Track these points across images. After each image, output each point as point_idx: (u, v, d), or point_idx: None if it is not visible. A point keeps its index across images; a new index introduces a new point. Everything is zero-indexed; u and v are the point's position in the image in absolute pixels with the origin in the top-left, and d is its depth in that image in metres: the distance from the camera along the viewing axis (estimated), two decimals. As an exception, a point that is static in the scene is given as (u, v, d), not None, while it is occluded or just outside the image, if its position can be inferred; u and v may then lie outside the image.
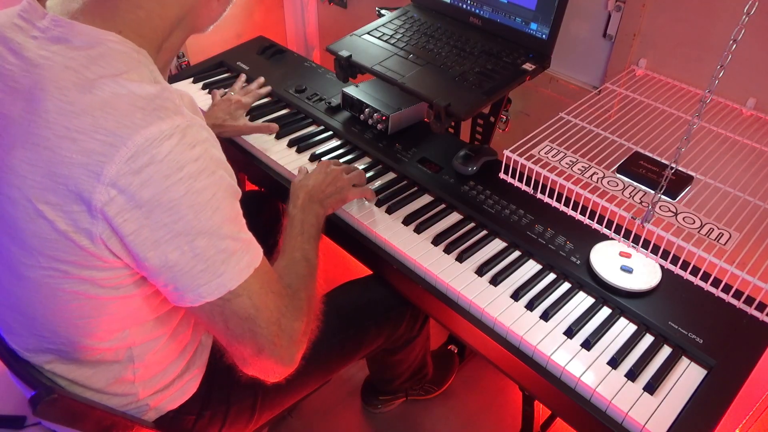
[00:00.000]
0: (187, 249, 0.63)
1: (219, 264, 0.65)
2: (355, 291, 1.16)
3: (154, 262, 0.63)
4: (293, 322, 0.75)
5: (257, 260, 0.70)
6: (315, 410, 1.50)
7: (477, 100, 1.09)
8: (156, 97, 0.62)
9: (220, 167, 0.66)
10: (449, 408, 1.52)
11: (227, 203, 0.66)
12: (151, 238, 0.62)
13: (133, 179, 0.59)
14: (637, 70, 1.20)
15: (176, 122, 0.61)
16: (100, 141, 0.59)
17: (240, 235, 0.68)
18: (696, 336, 0.87)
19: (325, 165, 1.08)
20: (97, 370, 0.76)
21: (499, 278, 0.96)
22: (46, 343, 0.74)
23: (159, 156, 0.59)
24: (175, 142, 0.61)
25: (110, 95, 0.60)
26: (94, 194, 0.59)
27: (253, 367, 0.74)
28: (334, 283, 1.19)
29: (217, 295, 0.66)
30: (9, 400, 1.04)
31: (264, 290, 0.71)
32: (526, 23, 1.18)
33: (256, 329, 0.70)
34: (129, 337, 0.75)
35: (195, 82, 1.50)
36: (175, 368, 0.84)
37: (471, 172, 1.16)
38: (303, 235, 0.92)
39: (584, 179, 0.90)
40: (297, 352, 0.76)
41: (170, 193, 0.61)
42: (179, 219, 0.62)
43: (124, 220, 0.60)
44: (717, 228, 0.82)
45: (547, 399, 0.88)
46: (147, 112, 0.60)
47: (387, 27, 1.32)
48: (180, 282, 0.65)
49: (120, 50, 0.64)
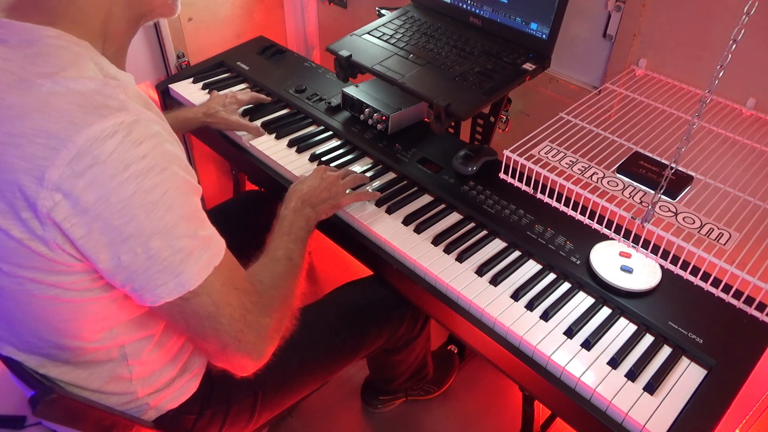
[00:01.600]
0: (140, 251, 0.61)
1: (176, 264, 0.63)
2: (355, 291, 1.16)
3: (108, 264, 0.62)
4: (260, 318, 0.73)
5: (218, 257, 0.68)
6: (315, 410, 1.50)
7: (477, 100, 1.09)
8: (97, 94, 0.60)
9: (172, 163, 0.63)
10: (449, 408, 1.52)
11: (181, 200, 0.63)
12: (102, 241, 0.60)
13: (77, 182, 0.57)
14: (637, 70, 1.20)
15: (120, 119, 0.59)
16: (40, 144, 0.57)
17: (198, 232, 0.66)
18: (696, 336, 0.87)
19: (321, 170, 1.08)
20: (92, 371, 0.76)
21: (499, 278, 0.96)
22: (35, 348, 0.73)
23: (102, 156, 0.57)
24: (118, 140, 0.58)
25: (48, 95, 0.58)
26: (38, 200, 0.57)
27: (220, 361, 0.74)
28: (335, 283, 1.20)
29: (176, 295, 0.65)
30: (9, 400, 1.04)
31: (226, 288, 0.69)
32: (526, 23, 1.18)
33: (218, 327, 0.69)
34: (117, 336, 0.74)
35: (195, 82, 1.50)
36: (173, 366, 0.84)
37: (471, 172, 1.16)
38: (290, 236, 0.92)
39: (584, 179, 0.90)
40: (266, 347, 0.74)
41: (118, 194, 0.59)
42: (130, 220, 0.60)
43: (72, 224, 0.59)
44: (717, 228, 0.82)
45: (547, 399, 0.88)
46: (87, 111, 0.58)
47: (387, 27, 1.32)
48: (137, 283, 0.63)
49: (57, 45, 0.62)
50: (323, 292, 1.16)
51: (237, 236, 0.99)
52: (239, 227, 1.30)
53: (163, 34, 1.55)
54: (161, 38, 1.56)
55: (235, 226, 1.29)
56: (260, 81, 1.48)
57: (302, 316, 1.02)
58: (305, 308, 1.09)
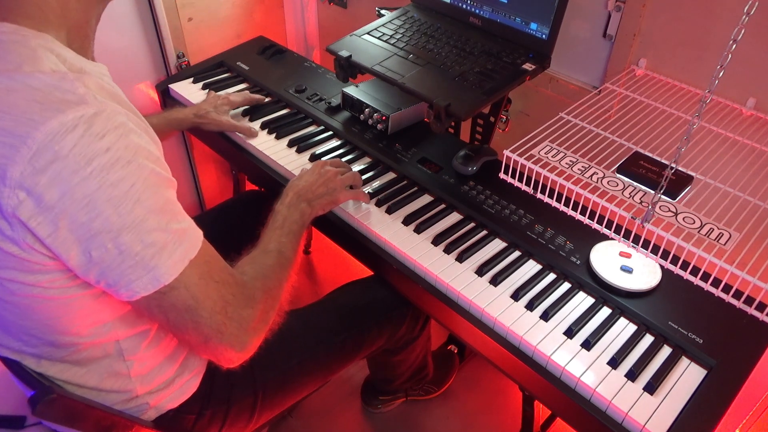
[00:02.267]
0: (111, 246, 0.60)
1: (149, 258, 0.62)
2: (356, 291, 1.16)
3: (79, 261, 0.61)
4: (242, 310, 0.72)
5: (194, 250, 0.67)
6: (315, 410, 1.50)
7: (477, 100, 1.09)
8: (55, 89, 0.59)
9: (139, 155, 0.62)
10: (449, 408, 1.52)
11: (149, 193, 0.62)
12: (70, 239, 0.59)
13: (39, 179, 0.56)
14: (637, 70, 1.20)
15: (79, 112, 0.58)
16: (0, 143, 0.56)
17: (170, 225, 0.64)
18: (696, 336, 0.87)
19: (320, 165, 1.08)
20: (89, 368, 0.76)
21: (499, 278, 0.96)
22: (29, 347, 0.73)
23: (63, 151, 0.56)
24: (79, 133, 0.57)
25: (4, 92, 0.58)
26: (2, 199, 0.57)
27: (203, 353, 0.73)
28: (335, 283, 1.20)
29: (152, 290, 0.64)
30: (9, 400, 1.04)
31: (204, 281, 0.68)
32: (526, 23, 1.18)
33: (198, 320, 0.68)
34: (112, 331, 0.73)
35: (195, 82, 1.50)
36: (171, 363, 0.84)
37: (471, 172, 1.16)
38: (282, 229, 0.92)
39: (584, 179, 0.90)
40: (250, 339, 0.74)
41: (82, 190, 0.58)
42: (96, 216, 0.59)
43: (38, 223, 0.58)
44: (717, 228, 0.82)
45: (547, 399, 0.88)
46: (45, 106, 0.57)
47: (387, 27, 1.32)
48: (110, 278, 0.63)
49: (13, 41, 0.62)
50: (323, 292, 1.16)
51: (237, 236, 1.00)
52: (239, 227, 1.30)
53: (163, 34, 1.55)
54: (161, 38, 1.56)
55: (235, 226, 1.29)
56: (260, 81, 1.48)
57: (302, 316, 1.02)
58: (305, 308, 1.10)
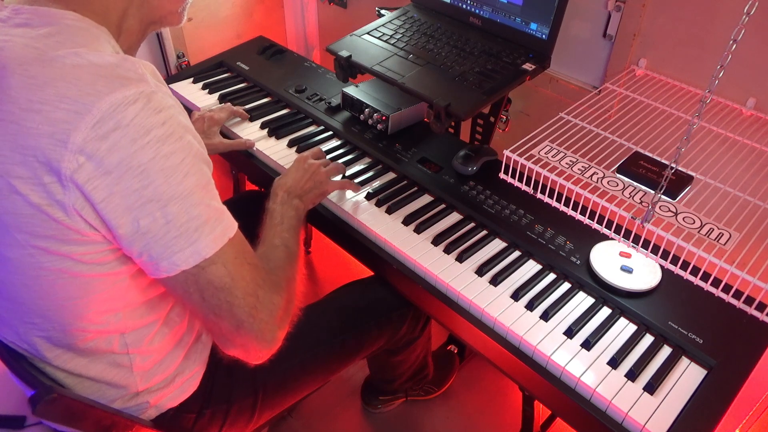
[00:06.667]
0: (159, 215, 0.63)
1: (192, 231, 0.65)
2: (356, 291, 1.16)
3: (127, 230, 0.63)
4: (272, 295, 0.74)
5: (232, 230, 0.70)
6: (315, 410, 1.50)
7: (477, 100, 1.09)
8: (117, 66, 0.63)
9: (188, 133, 0.66)
10: (449, 408, 1.52)
11: (197, 169, 0.66)
12: (123, 205, 0.62)
13: (100, 145, 0.59)
14: (637, 70, 1.20)
15: (140, 88, 0.62)
16: (64, 110, 0.59)
17: (212, 203, 0.68)
18: (696, 336, 0.87)
19: (302, 160, 1.08)
20: (92, 358, 0.76)
21: (499, 278, 0.96)
22: (36, 331, 0.73)
23: (125, 121, 0.60)
24: (140, 106, 0.61)
25: (71, 67, 0.61)
26: (62, 162, 0.59)
27: (234, 344, 0.74)
28: (336, 283, 1.20)
29: (192, 263, 0.66)
30: (9, 400, 1.04)
31: (239, 260, 0.70)
32: (526, 23, 1.18)
33: (232, 300, 0.69)
34: (121, 321, 0.74)
35: (195, 82, 1.50)
36: (173, 361, 0.84)
37: (471, 172, 1.16)
38: (282, 225, 0.93)
39: (584, 179, 0.90)
40: (277, 330, 0.75)
41: (138, 158, 0.61)
42: (149, 184, 0.62)
43: (94, 187, 0.61)
44: (717, 228, 0.82)
45: (547, 399, 0.88)
46: (109, 80, 0.61)
47: (387, 27, 1.32)
48: (154, 250, 0.65)
49: (78, 26, 0.66)
50: (323, 292, 1.16)
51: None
52: (239, 227, 1.30)
53: (163, 34, 1.55)
54: (161, 38, 1.56)
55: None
56: (260, 81, 1.48)
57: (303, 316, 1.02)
58: (306, 308, 1.10)
